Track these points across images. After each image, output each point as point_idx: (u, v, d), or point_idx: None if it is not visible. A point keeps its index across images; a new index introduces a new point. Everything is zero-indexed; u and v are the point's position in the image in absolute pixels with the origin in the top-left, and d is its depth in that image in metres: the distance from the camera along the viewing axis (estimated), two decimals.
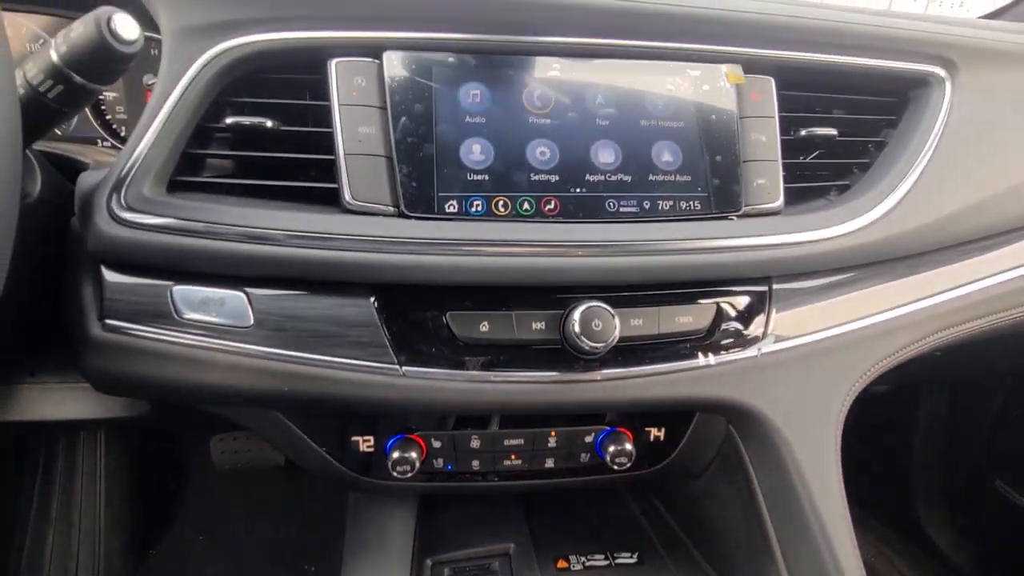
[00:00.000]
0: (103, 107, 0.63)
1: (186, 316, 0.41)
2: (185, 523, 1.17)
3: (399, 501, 0.59)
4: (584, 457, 0.52)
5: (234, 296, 0.41)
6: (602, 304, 0.43)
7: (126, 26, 0.36)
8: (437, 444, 0.48)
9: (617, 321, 0.42)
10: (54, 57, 0.35)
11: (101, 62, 0.36)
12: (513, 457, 0.49)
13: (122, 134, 0.64)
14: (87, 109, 0.63)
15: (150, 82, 0.63)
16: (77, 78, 0.36)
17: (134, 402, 0.54)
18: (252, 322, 0.41)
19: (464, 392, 0.43)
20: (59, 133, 0.64)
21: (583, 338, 0.42)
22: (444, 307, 0.44)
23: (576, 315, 0.42)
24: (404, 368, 0.42)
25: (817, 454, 0.48)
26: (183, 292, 0.41)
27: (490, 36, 0.47)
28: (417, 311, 0.43)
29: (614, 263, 0.45)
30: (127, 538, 1.11)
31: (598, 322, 0.42)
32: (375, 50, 0.46)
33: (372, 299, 0.43)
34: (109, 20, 0.35)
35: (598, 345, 0.42)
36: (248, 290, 0.41)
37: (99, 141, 0.65)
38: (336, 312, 0.42)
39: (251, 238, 0.42)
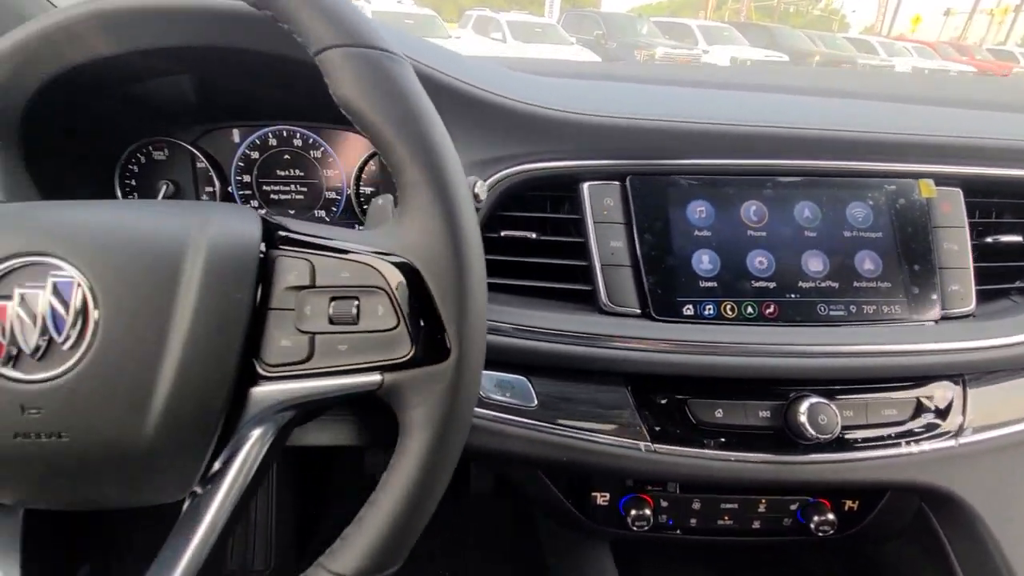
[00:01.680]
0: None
1: (489, 397, 0.51)
2: (335, 522, 1.31)
3: (596, 540, 0.68)
4: (786, 522, 0.59)
5: (521, 381, 0.51)
6: (825, 400, 0.50)
7: None
8: (665, 504, 0.56)
9: (839, 416, 0.50)
10: None
11: None
12: (726, 518, 0.57)
13: None
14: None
15: None
16: None
17: None
18: (536, 403, 0.51)
19: (702, 468, 0.51)
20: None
21: (809, 428, 0.49)
22: (685, 395, 0.52)
23: (803, 408, 0.50)
24: (654, 445, 0.51)
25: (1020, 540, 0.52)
26: (486, 377, 0.51)
27: (713, 161, 0.56)
28: (663, 398, 0.52)
29: (828, 363, 0.52)
30: (291, 534, 1.25)
31: (824, 416, 0.49)
32: (620, 175, 0.56)
33: (626, 387, 0.52)
34: None
35: (824, 436, 0.49)
36: (530, 376, 0.52)
37: None
38: (597, 396, 0.52)
39: (528, 334, 0.52)
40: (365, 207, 0.70)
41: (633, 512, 0.55)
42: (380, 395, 0.33)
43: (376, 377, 0.32)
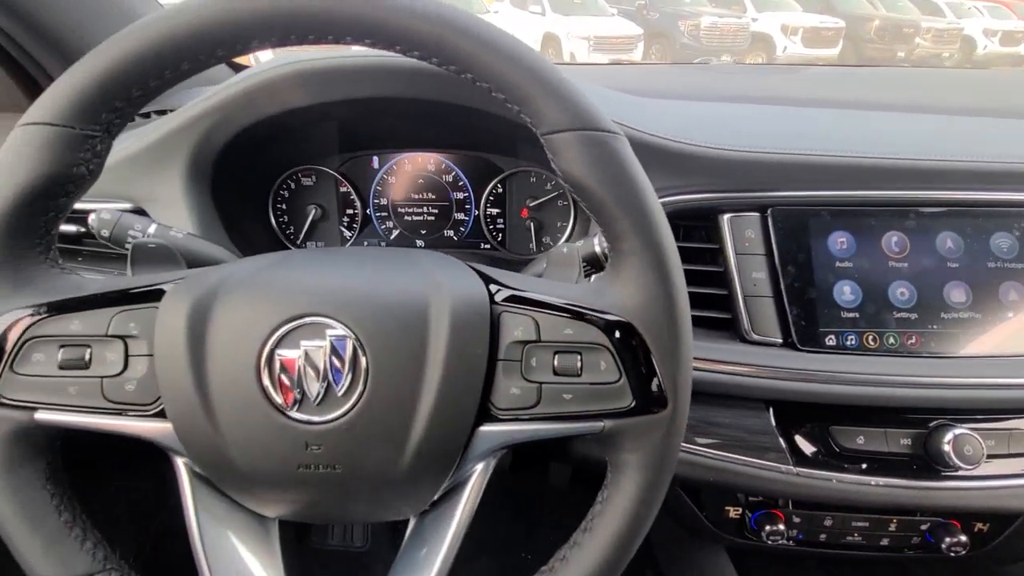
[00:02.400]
0: None
1: None
2: None
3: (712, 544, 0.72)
4: (914, 540, 0.61)
5: None
6: (969, 430, 0.52)
7: None
8: (797, 519, 0.59)
9: (984, 446, 0.51)
10: None
11: None
12: (856, 535, 0.60)
13: None
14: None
15: None
16: None
17: None
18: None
19: (843, 491, 0.54)
20: None
21: (954, 458, 0.51)
22: (827, 421, 0.55)
23: (947, 437, 0.51)
24: (796, 468, 0.54)
25: None
26: None
27: (855, 192, 0.57)
28: (805, 424, 0.55)
29: (970, 395, 0.53)
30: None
31: (969, 447, 0.51)
32: (760, 207, 0.58)
33: (768, 411, 0.55)
34: None
35: (969, 466, 0.51)
36: None
37: None
38: (742, 421, 0.55)
39: None
40: (491, 227, 0.75)
41: (767, 527, 0.58)
42: (594, 437, 0.38)
43: (598, 424, 0.37)
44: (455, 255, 0.76)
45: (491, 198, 0.74)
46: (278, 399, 0.36)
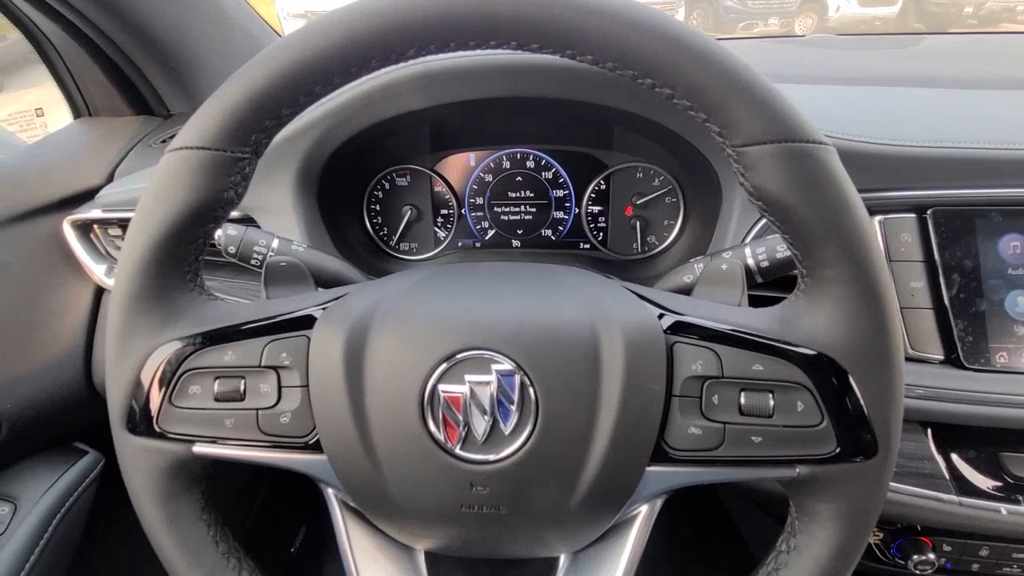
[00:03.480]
0: None
1: None
2: None
3: None
4: None
5: None
6: None
7: None
8: (947, 548, 0.55)
9: None
10: None
11: None
12: (1014, 567, 0.55)
13: None
14: None
15: None
16: None
17: None
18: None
19: (1015, 524, 0.48)
20: None
21: None
22: (997, 447, 0.49)
23: None
24: (960, 498, 0.49)
25: None
26: None
27: None
28: (971, 449, 0.50)
29: None
30: None
31: None
32: (919, 208, 0.52)
33: (928, 434, 0.50)
34: None
35: None
36: None
37: None
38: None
39: None
40: (593, 225, 0.71)
41: (914, 556, 0.54)
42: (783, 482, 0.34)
43: (792, 471, 0.33)
44: (553, 255, 0.74)
45: (593, 195, 0.70)
46: (441, 437, 0.34)
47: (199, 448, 0.36)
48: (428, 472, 0.34)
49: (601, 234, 0.72)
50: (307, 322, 0.37)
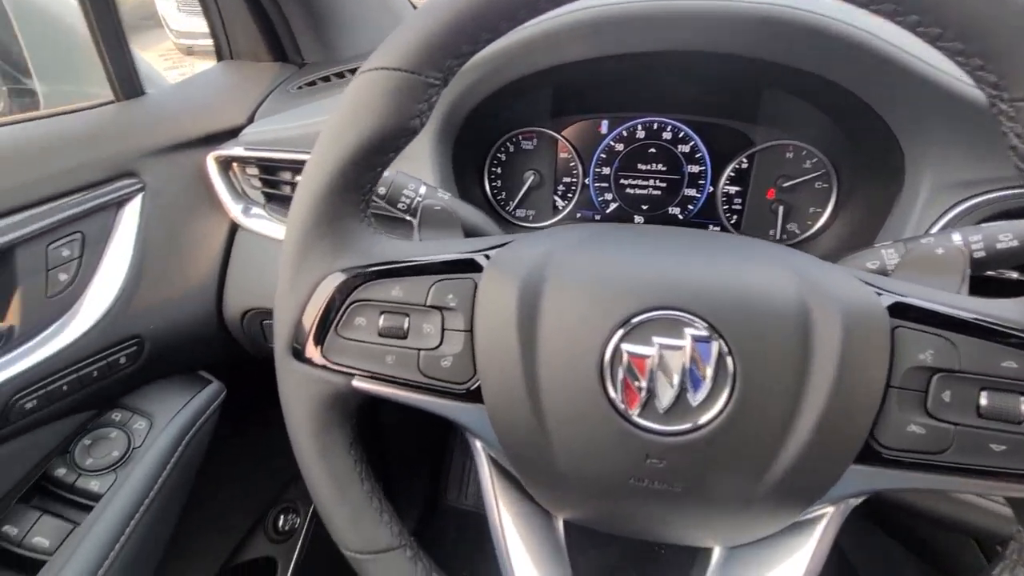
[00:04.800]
0: None
1: None
2: None
3: None
4: None
5: None
6: None
7: None
8: None
9: None
10: None
11: None
12: None
13: None
14: None
15: None
16: None
17: None
18: None
19: None
20: None
21: None
22: None
23: None
24: None
25: None
26: None
27: None
28: None
29: None
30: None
31: None
32: None
33: None
34: None
35: None
36: None
37: None
38: None
39: None
40: (728, 207, 0.66)
41: None
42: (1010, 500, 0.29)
43: None
44: None
45: (733, 174, 0.65)
46: (619, 400, 0.31)
47: (358, 382, 0.35)
48: (599, 437, 0.31)
49: (735, 216, 0.67)
50: (473, 266, 0.35)
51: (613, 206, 0.70)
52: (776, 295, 0.30)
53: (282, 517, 0.85)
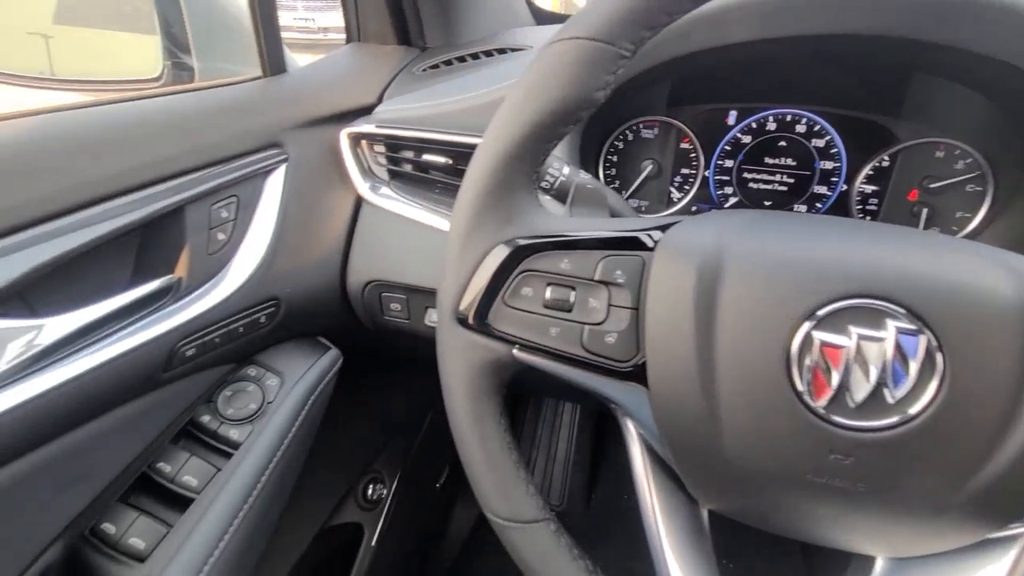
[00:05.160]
0: None
1: None
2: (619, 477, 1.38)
3: None
4: None
5: None
6: None
7: None
8: None
9: None
10: None
11: None
12: None
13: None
14: None
15: None
16: None
17: None
18: None
19: None
20: None
21: None
22: None
23: None
24: None
25: None
26: None
27: None
28: None
29: None
30: (583, 477, 1.35)
31: None
32: None
33: None
34: None
35: None
36: None
37: None
38: None
39: None
40: (862, 207, 0.62)
41: None
42: None
43: None
44: None
45: (872, 172, 0.61)
46: (805, 391, 0.30)
47: (519, 352, 0.36)
48: (779, 428, 0.30)
49: (869, 218, 0.63)
50: (640, 244, 0.35)
51: (732, 200, 0.68)
52: (992, 290, 0.28)
53: (371, 486, 0.88)
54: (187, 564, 0.46)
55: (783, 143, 0.64)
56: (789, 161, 0.64)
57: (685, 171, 0.68)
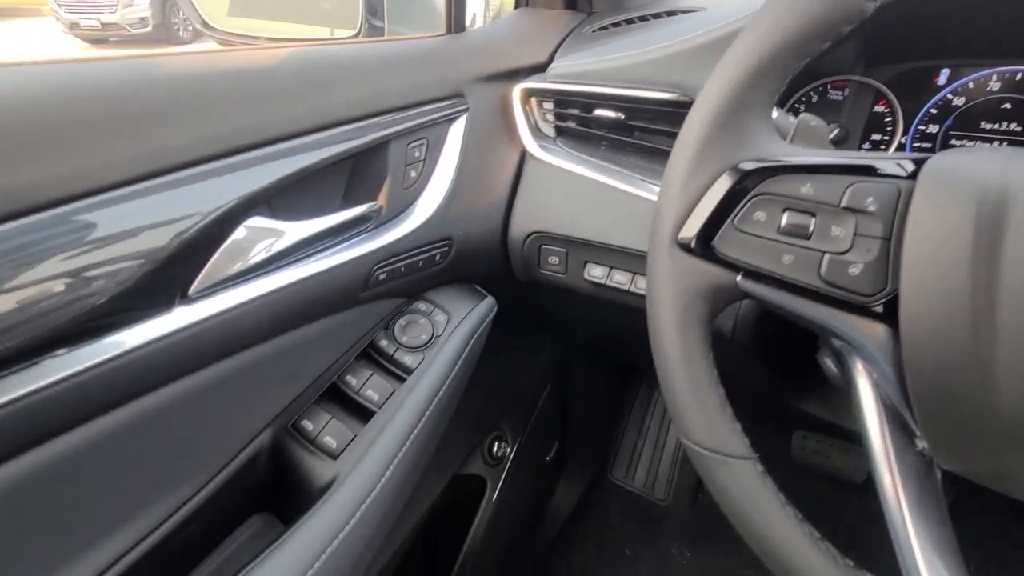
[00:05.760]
0: None
1: None
2: None
3: None
4: None
5: None
6: None
7: None
8: None
9: None
10: None
11: None
12: None
13: None
14: None
15: None
16: None
17: None
18: None
19: None
20: None
21: None
22: None
23: None
24: None
25: None
26: None
27: None
28: None
29: None
30: (695, 476, 1.30)
31: None
32: None
33: None
34: None
35: None
36: None
37: None
38: None
39: None
40: None
41: None
42: None
43: None
44: None
45: None
46: None
47: (743, 280, 0.35)
48: None
49: None
50: (892, 173, 0.32)
51: None
52: None
53: (496, 444, 0.91)
54: (373, 466, 0.49)
55: (1007, 105, 0.57)
56: (1013, 126, 0.57)
57: (876, 136, 0.62)
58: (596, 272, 0.63)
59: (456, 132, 0.61)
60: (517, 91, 0.67)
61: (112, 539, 0.41)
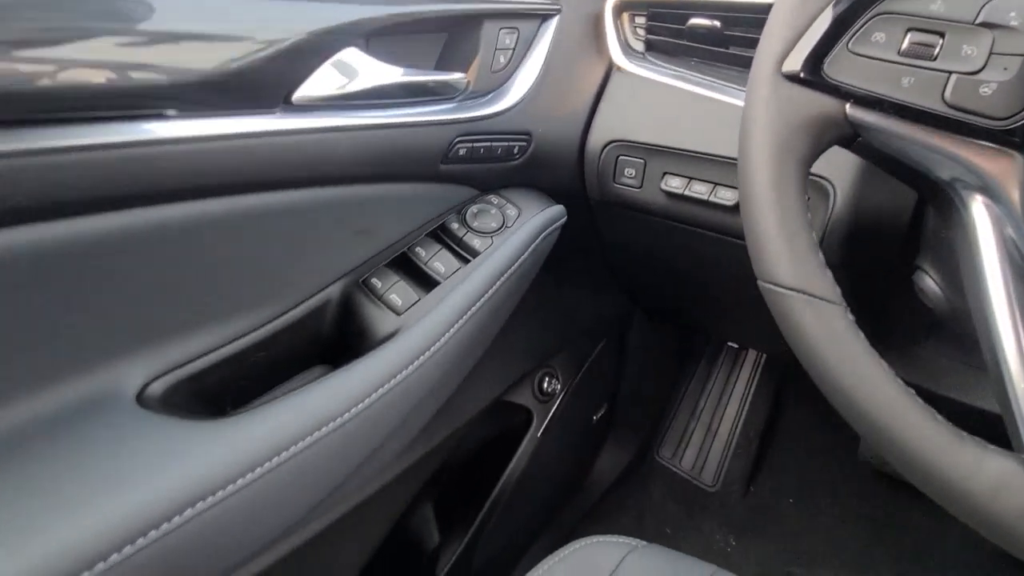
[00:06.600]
0: None
1: None
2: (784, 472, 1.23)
3: None
4: None
5: None
6: None
7: None
8: None
9: None
10: None
11: None
12: None
13: None
14: None
15: None
16: None
17: None
18: None
19: None
20: None
21: None
22: None
23: None
24: None
25: None
26: None
27: None
28: None
29: None
30: (747, 460, 1.23)
31: None
32: None
33: None
34: None
35: None
36: None
37: None
38: None
39: None
40: None
41: None
42: None
43: None
44: None
45: None
46: None
47: (853, 109, 0.32)
48: None
49: None
50: None
51: None
52: None
53: (547, 380, 0.90)
54: (434, 327, 0.50)
55: None
56: None
57: None
58: (674, 183, 0.61)
59: (547, 31, 0.62)
60: (610, 4, 0.67)
61: (178, 344, 0.42)
